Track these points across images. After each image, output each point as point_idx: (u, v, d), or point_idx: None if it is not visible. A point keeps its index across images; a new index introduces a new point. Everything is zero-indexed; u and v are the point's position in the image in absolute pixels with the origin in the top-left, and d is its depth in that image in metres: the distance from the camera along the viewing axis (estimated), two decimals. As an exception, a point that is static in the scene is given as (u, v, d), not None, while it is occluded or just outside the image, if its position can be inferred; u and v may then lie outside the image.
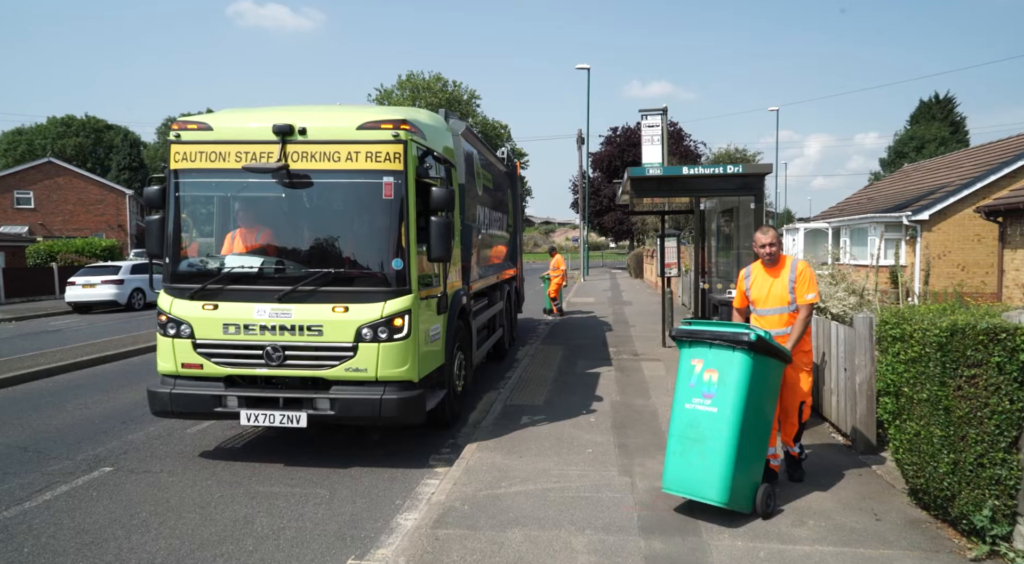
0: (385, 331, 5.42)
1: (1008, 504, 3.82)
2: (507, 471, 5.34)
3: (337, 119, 5.73)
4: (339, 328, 5.44)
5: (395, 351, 5.46)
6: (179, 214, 5.84)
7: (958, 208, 17.83)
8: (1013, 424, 3.78)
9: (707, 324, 4.64)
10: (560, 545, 4.05)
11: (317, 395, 5.50)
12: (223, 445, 6.49)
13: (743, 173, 7.44)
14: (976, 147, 24.81)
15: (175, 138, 5.77)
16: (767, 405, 4.53)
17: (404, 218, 5.51)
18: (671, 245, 11.61)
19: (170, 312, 5.71)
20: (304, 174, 5.55)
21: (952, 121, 51.48)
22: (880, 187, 28.19)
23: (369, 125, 5.52)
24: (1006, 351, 3.78)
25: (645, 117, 10.77)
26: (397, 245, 5.51)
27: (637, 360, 10.40)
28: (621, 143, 45.44)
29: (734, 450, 4.23)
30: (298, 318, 5.48)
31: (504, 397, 7.91)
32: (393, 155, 5.47)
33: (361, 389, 5.49)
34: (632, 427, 6.58)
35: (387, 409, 5.41)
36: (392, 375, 5.49)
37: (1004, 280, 14.26)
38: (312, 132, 5.54)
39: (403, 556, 3.94)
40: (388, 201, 5.49)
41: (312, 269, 5.56)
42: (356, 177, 5.52)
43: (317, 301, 5.49)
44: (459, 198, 7.03)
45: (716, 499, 4.26)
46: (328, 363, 5.49)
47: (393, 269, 5.50)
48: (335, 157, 5.49)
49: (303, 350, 5.52)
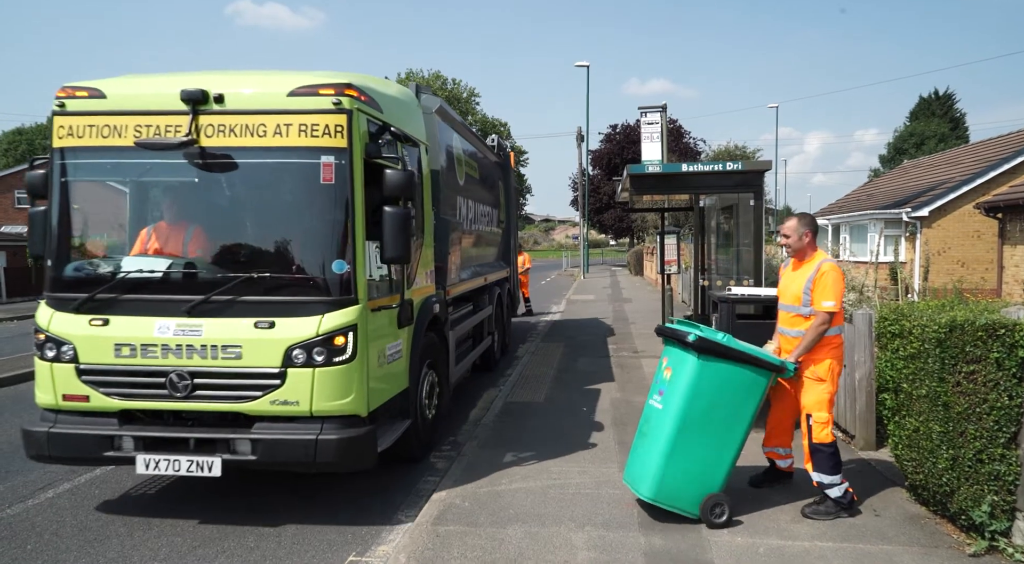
0: (322, 352, 4.32)
1: (1007, 500, 3.84)
2: (507, 468, 5.35)
3: (263, 84, 4.59)
4: (263, 349, 4.32)
5: (335, 378, 4.34)
6: (65, 204, 4.66)
7: (958, 204, 17.81)
8: (1012, 420, 3.80)
9: (684, 324, 4.51)
10: (560, 541, 4.07)
11: (235, 435, 4.38)
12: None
13: (742, 170, 7.44)
14: (976, 143, 24.81)
15: (59, 108, 4.60)
16: (725, 412, 4.24)
17: (349, 208, 4.42)
18: (671, 242, 11.62)
19: (48, 329, 4.50)
20: (221, 153, 4.44)
21: (952, 117, 51.46)
22: (880, 184, 28.18)
23: (304, 91, 4.41)
24: (1005, 347, 3.79)
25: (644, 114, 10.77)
26: (340, 242, 4.42)
27: (637, 357, 10.42)
28: (621, 140, 45.38)
29: (669, 447, 4.18)
30: (211, 336, 4.35)
31: (504, 394, 7.93)
32: (334, 128, 4.38)
33: (292, 427, 4.38)
34: (632, 424, 6.57)
35: (325, 452, 4.30)
36: (331, 408, 4.37)
37: (1004, 276, 14.27)
38: (231, 100, 4.42)
39: (404, 553, 3.96)
40: (328, 187, 4.41)
41: (230, 273, 4.44)
42: (287, 156, 4.43)
43: (236, 314, 4.38)
44: (432, 187, 6.10)
45: (644, 493, 4.30)
46: (249, 394, 4.35)
47: (334, 273, 4.39)
48: (260, 131, 4.40)
49: (217, 377, 4.38)
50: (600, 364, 9.89)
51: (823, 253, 4.60)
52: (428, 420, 5.91)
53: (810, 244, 4.59)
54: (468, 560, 3.87)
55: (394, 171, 4.59)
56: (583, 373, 9.26)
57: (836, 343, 4.44)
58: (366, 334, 4.52)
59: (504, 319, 11.06)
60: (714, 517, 4.22)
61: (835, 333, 4.42)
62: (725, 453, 4.29)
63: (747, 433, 4.33)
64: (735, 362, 4.22)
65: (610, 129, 47.18)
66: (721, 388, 4.22)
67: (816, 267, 4.43)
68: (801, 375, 4.46)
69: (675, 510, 4.27)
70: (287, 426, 4.40)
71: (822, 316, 4.32)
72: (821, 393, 4.39)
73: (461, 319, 7.69)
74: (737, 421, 4.28)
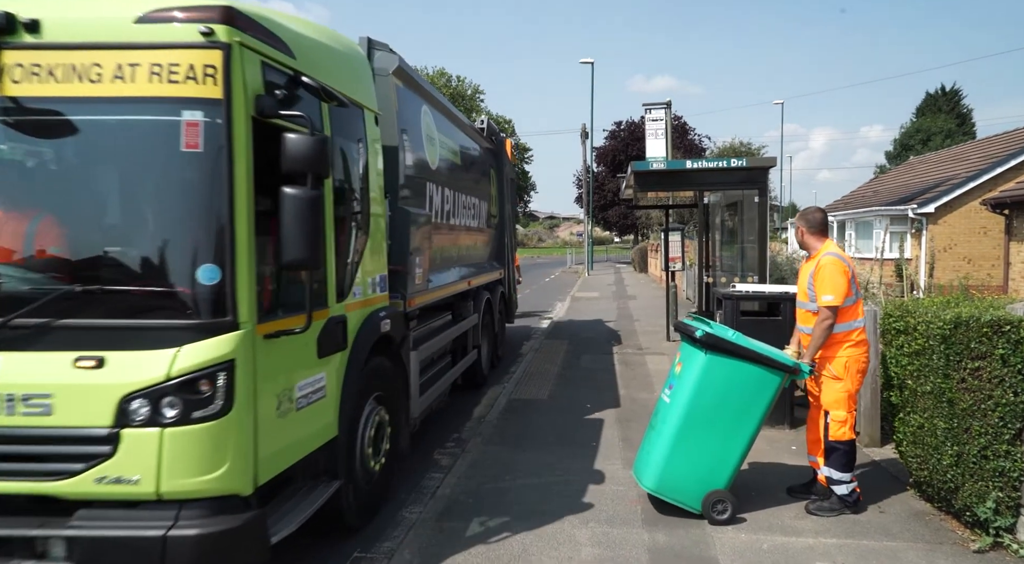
0: (176, 404, 2.92)
1: (1012, 496, 3.83)
2: (511, 465, 5.37)
3: (98, 5, 3.18)
4: (84, 399, 2.92)
5: (197, 442, 2.94)
6: None
7: (964, 201, 17.74)
8: (1017, 416, 3.78)
9: (697, 320, 4.61)
10: (564, 537, 4.08)
11: (42, 532, 2.91)
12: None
13: (747, 167, 7.45)
14: (982, 139, 24.68)
15: None
16: (733, 409, 4.22)
17: (224, 187, 3.01)
18: (675, 239, 11.63)
19: None
20: (34, 107, 3.05)
21: (958, 113, 51.14)
22: (885, 180, 28.07)
23: (159, 16, 3.02)
24: (1010, 343, 3.77)
25: (649, 111, 10.78)
26: (210, 238, 3.03)
27: (641, 354, 10.42)
28: (625, 137, 45.34)
29: (673, 440, 4.24)
30: (6, 380, 2.93)
31: (508, 392, 7.94)
32: (202, 71, 2.99)
33: (129, 518, 2.95)
34: (636, 421, 6.59)
35: (177, 555, 2.88)
36: (190, 489, 2.96)
37: (1010, 273, 14.22)
38: (51, 28, 3.03)
39: (408, 549, 3.97)
40: (192, 157, 3.03)
41: (40, 285, 3.05)
42: (131, 111, 3.03)
43: (46, 347, 2.97)
44: (386, 168, 4.80)
45: (646, 484, 4.36)
46: (64, 468, 2.92)
47: (201, 284, 3.00)
48: (93, 75, 3.00)
49: (15, 442, 2.94)
50: (604, 361, 9.89)
51: (830, 245, 4.53)
52: (373, 474, 4.42)
53: (813, 237, 4.55)
54: (472, 556, 3.89)
55: (298, 136, 3.15)
56: (587, 370, 9.25)
57: (851, 339, 4.33)
58: (252, 372, 3.11)
59: (495, 327, 9.53)
60: (716, 513, 4.22)
61: (847, 329, 4.32)
62: (732, 450, 4.26)
63: (756, 432, 4.30)
64: (744, 360, 4.20)
65: (615, 126, 47.17)
66: (729, 385, 4.21)
67: (817, 261, 4.39)
68: (819, 373, 4.41)
69: (677, 503, 4.28)
70: (123, 516, 2.95)
71: (823, 311, 4.25)
72: (838, 391, 4.32)
73: (432, 334, 6.25)
74: (746, 419, 4.25)
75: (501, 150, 9.99)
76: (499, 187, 9.90)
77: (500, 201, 9.93)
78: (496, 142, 9.81)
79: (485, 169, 9.09)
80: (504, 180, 10.15)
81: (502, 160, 10.03)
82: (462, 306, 7.61)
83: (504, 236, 10.19)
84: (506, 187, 10.28)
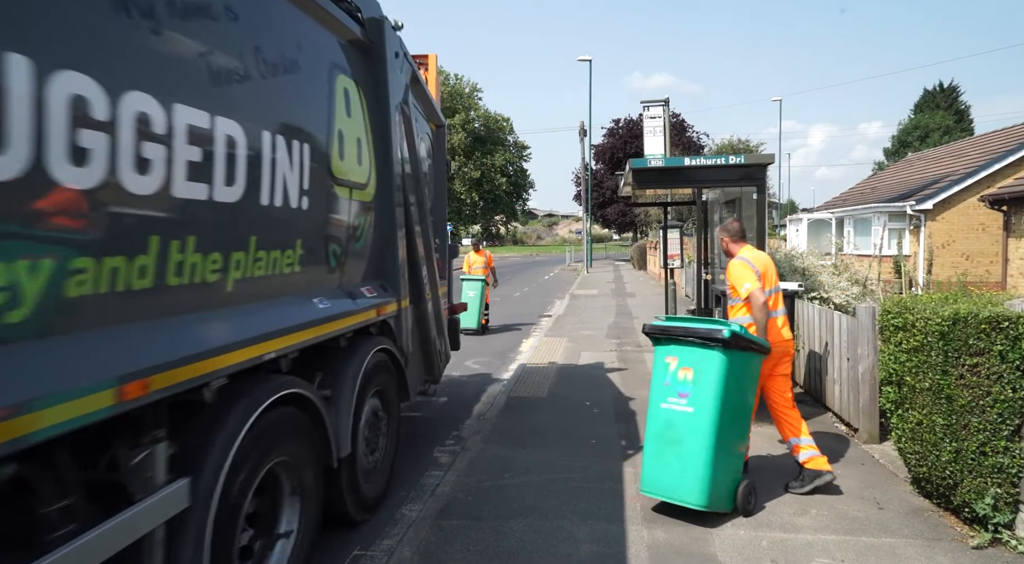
0: None
1: (1010, 492, 3.83)
2: (510, 462, 5.37)
3: None
4: None
5: None
6: None
7: (962, 197, 17.75)
8: (1015, 412, 3.79)
9: (681, 320, 4.52)
10: (563, 535, 4.08)
11: None
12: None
13: (745, 164, 7.42)
14: (980, 136, 24.70)
15: None
16: (747, 398, 4.36)
17: None
18: (674, 236, 11.59)
19: None
20: None
21: (956, 110, 51.12)
22: (884, 177, 28.08)
23: None
24: (1008, 339, 3.78)
25: (647, 109, 10.74)
26: None
27: (640, 352, 10.42)
28: (623, 135, 45.29)
29: (712, 451, 4.07)
30: None
31: (507, 390, 7.94)
32: None
33: None
34: (635, 418, 6.59)
35: None
36: None
37: (1008, 269, 14.23)
38: None
39: (408, 546, 3.97)
40: None
41: None
42: None
43: None
44: None
45: (695, 502, 4.10)
46: None
47: None
48: None
49: None
50: (603, 359, 9.89)
51: (745, 249, 4.98)
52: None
53: (734, 245, 4.99)
54: (471, 553, 3.89)
55: None
56: (586, 368, 9.26)
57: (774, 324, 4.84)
58: None
59: (359, 438, 4.30)
60: (749, 504, 4.30)
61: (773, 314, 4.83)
62: (743, 438, 4.43)
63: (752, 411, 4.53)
64: (750, 351, 4.35)
65: (613, 123, 47.09)
66: (741, 379, 4.30)
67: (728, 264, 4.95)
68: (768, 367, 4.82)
69: (716, 510, 4.19)
70: None
71: (753, 302, 4.69)
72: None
73: None
74: (750, 401, 4.45)
75: (385, 53, 4.77)
76: (380, 126, 4.74)
77: (384, 153, 4.75)
78: (375, 30, 4.69)
79: (320, 72, 3.93)
80: (404, 122, 5.11)
81: (388, 76, 4.79)
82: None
83: (401, 225, 4.98)
84: (417, 140, 5.47)
